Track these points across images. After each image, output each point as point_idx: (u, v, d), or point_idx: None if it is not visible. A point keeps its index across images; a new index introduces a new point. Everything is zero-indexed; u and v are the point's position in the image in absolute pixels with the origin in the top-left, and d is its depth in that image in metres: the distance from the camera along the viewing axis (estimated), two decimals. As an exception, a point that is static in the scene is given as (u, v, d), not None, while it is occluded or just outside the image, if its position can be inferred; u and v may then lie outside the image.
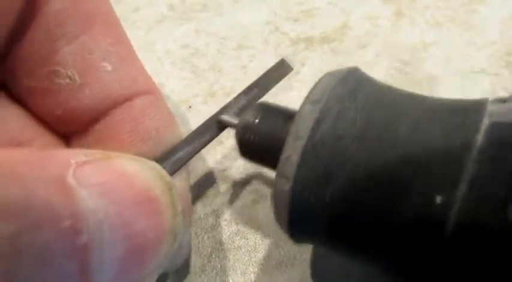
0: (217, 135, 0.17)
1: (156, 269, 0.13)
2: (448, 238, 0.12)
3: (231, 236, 0.19)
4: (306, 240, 0.16)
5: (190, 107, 0.23)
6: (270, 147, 0.15)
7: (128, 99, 0.16)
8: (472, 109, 0.13)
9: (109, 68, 0.15)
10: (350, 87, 0.14)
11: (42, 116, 0.16)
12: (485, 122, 0.12)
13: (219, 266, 0.19)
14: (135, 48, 0.17)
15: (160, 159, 0.16)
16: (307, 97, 0.15)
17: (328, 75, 0.15)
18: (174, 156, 0.16)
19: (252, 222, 0.20)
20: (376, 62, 0.24)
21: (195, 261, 0.19)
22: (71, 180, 0.11)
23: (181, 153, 0.16)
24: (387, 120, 0.13)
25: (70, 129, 0.16)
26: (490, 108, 0.13)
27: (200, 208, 0.20)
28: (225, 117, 0.17)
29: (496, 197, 0.11)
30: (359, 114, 0.14)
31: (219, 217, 0.20)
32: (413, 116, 0.13)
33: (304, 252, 0.19)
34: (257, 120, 0.16)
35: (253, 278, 0.19)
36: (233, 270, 0.19)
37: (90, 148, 0.15)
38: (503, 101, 0.13)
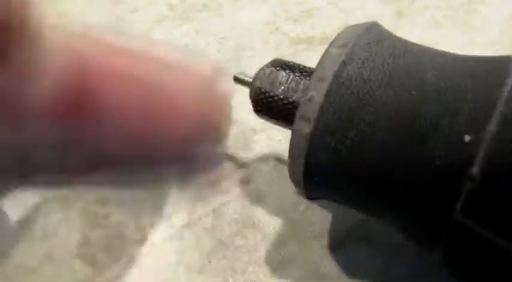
0: None
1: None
2: (476, 177, 0.11)
3: (231, 236, 0.19)
4: (319, 192, 0.16)
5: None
6: (286, 102, 0.15)
7: None
8: (500, 58, 0.13)
9: None
10: (375, 36, 0.14)
11: None
12: None
13: (219, 266, 0.19)
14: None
15: None
16: (332, 42, 0.14)
17: (353, 26, 0.15)
18: None
19: (252, 222, 0.20)
20: (376, 62, 0.24)
21: (195, 261, 0.19)
22: None
23: None
24: (414, 66, 0.13)
25: None
26: None
27: (200, 208, 0.20)
28: (240, 75, 0.17)
29: None
30: (386, 60, 0.14)
31: (219, 217, 0.20)
32: (440, 63, 0.13)
33: (304, 252, 0.19)
34: (273, 76, 0.16)
35: (253, 278, 0.18)
36: (233, 270, 0.19)
37: None
38: None
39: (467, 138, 0.12)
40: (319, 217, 0.20)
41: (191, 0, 0.28)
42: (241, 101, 0.23)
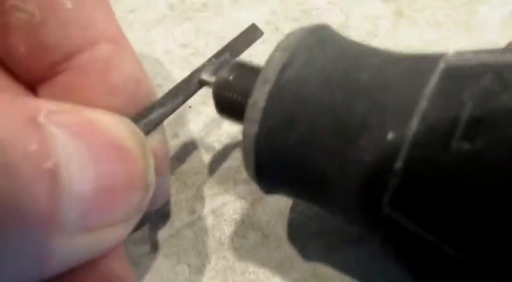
0: (193, 94, 0.17)
1: (129, 214, 0.13)
2: (399, 172, 0.12)
3: (231, 236, 0.19)
4: (273, 189, 0.16)
5: (190, 107, 0.23)
6: (245, 103, 0.15)
7: (89, 43, 0.15)
8: (430, 57, 0.14)
9: (69, 6, 0.15)
10: (318, 39, 0.15)
11: (6, 60, 0.15)
12: (441, 66, 0.13)
13: (219, 266, 0.19)
14: (134, 48, 0.17)
15: (135, 119, 0.15)
16: (277, 45, 0.15)
17: (299, 28, 0.16)
18: (148, 117, 0.16)
19: (252, 222, 0.20)
20: (376, 62, 0.24)
21: (195, 261, 0.19)
22: (41, 118, 0.11)
23: (156, 114, 0.16)
24: (351, 67, 0.14)
25: (35, 74, 0.16)
26: (447, 57, 0.13)
27: (200, 208, 0.20)
28: (203, 76, 0.17)
29: (442, 130, 0.12)
30: (325, 62, 0.14)
31: (219, 217, 0.20)
32: (375, 65, 0.14)
33: (304, 252, 0.19)
34: (232, 77, 0.16)
35: (253, 278, 0.18)
36: (233, 270, 0.19)
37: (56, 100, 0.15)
38: (460, 53, 0.14)
39: (390, 135, 0.12)
40: (319, 217, 0.20)
41: (191, 0, 0.28)
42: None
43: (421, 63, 0.13)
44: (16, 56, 0.15)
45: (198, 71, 0.18)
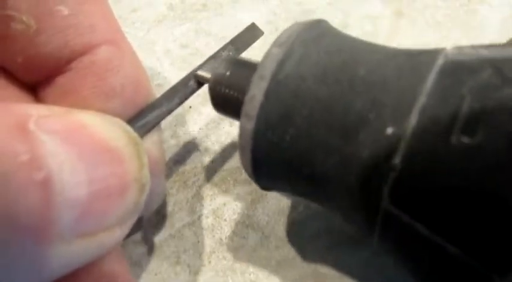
0: (191, 94, 0.17)
1: (125, 217, 0.13)
2: (398, 167, 0.12)
3: (231, 236, 0.19)
4: (271, 185, 0.17)
5: (190, 107, 0.23)
6: (242, 99, 0.15)
7: (88, 48, 0.15)
8: (429, 52, 0.14)
9: (65, 13, 0.15)
10: (315, 34, 0.15)
11: (5, 66, 0.15)
12: (440, 61, 0.13)
13: (219, 266, 0.19)
14: (134, 48, 0.17)
15: (130, 120, 0.15)
16: (275, 41, 0.15)
17: (296, 23, 0.16)
18: (144, 118, 0.16)
19: (252, 222, 0.20)
20: (376, 62, 0.24)
21: (195, 261, 0.19)
22: (31, 125, 0.11)
23: (152, 115, 0.16)
24: (348, 62, 0.14)
25: (35, 78, 0.15)
26: (446, 52, 0.13)
27: (200, 208, 0.20)
28: (200, 72, 0.17)
29: (442, 124, 0.12)
30: (322, 57, 0.14)
31: (219, 217, 0.20)
32: (372, 60, 0.14)
33: (304, 252, 0.19)
34: (228, 73, 0.16)
35: (253, 278, 0.18)
36: (233, 270, 0.19)
37: (54, 102, 0.15)
38: (459, 48, 0.13)
39: (389, 130, 0.12)
40: (319, 217, 0.20)
41: (191, 0, 0.28)
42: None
43: (420, 59, 0.13)
44: (14, 64, 0.15)
45: (195, 71, 0.18)
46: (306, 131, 0.14)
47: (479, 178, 0.11)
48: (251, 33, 0.19)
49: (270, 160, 0.15)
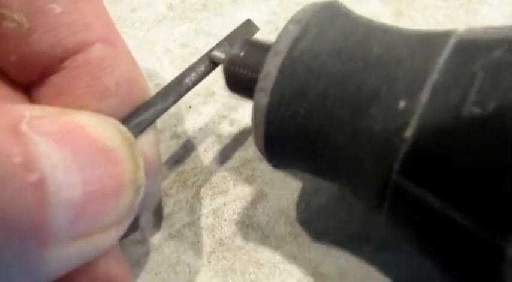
0: (206, 74, 0.18)
1: (120, 218, 0.13)
2: (409, 140, 0.12)
3: (231, 236, 0.19)
4: (282, 162, 0.17)
5: (190, 107, 0.23)
6: (256, 78, 0.15)
7: (81, 46, 0.15)
8: (441, 33, 0.14)
9: (58, 11, 0.14)
10: (330, 13, 0.15)
11: None
12: (453, 40, 0.13)
13: (219, 266, 0.19)
14: (134, 48, 0.17)
15: (124, 119, 0.15)
16: (290, 19, 0.15)
17: (312, 4, 0.16)
18: (138, 117, 0.16)
19: (252, 222, 0.20)
20: (376, 62, 0.24)
21: (195, 261, 0.19)
22: (24, 127, 0.11)
23: (147, 114, 0.16)
24: (363, 41, 0.14)
25: (28, 78, 0.15)
26: (458, 32, 0.13)
27: (200, 208, 0.20)
28: (215, 53, 0.17)
29: (454, 98, 0.12)
30: (337, 36, 0.15)
31: (219, 217, 0.20)
32: (386, 39, 0.14)
33: (304, 252, 0.19)
34: (242, 54, 0.17)
35: (253, 278, 0.18)
36: (233, 270, 0.19)
37: (48, 101, 0.15)
38: (471, 29, 0.14)
39: (401, 104, 0.13)
40: (319, 217, 0.20)
41: (191, 0, 0.28)
42: (240, 104, 0.23)
43: (433, 38, 0.14)
44: (7, 64, 0.15)
45: (189, 69, 0.18)
46: (320, 106, 0.14)
47: (491, 147, 0.11)
48: (246, 29, 0.19)
49: (283, 135, 0.15)
